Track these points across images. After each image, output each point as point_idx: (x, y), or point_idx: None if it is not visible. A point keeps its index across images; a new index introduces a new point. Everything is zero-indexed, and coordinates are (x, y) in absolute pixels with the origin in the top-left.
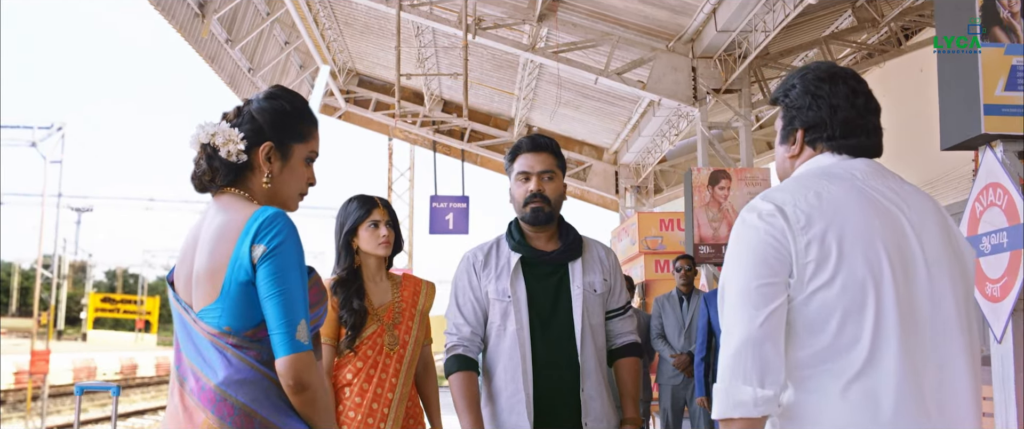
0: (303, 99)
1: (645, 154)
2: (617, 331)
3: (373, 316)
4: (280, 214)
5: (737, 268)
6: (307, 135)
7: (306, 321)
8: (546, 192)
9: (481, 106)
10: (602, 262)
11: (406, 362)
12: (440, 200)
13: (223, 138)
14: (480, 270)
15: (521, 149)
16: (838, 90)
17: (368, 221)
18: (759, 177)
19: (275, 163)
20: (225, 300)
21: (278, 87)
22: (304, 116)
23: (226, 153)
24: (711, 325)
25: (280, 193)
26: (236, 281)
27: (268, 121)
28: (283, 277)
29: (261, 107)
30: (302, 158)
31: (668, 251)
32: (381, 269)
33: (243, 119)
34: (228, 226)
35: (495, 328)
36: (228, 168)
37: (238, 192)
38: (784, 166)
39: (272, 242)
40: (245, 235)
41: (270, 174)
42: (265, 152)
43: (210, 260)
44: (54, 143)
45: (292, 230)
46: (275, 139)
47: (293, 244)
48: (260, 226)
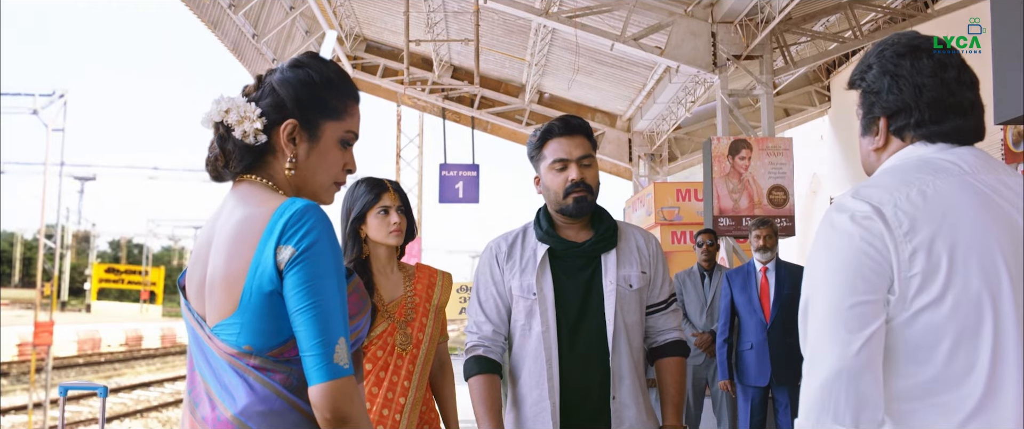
0: (338, 69)
1: (660, 121)
2: (659, 327)
3: (383, 312)
4: (312, 207)
5: (826, 283)
6: (342, 111)
7: (346, 338)
8: (588, 179)
9: (491, 72)
10: (640, 251)
11: (420, 362)
12: (450, 168)
13: (237, 115)
14: (504, 263)
15: (553, 133)
16: (921, 65)
17: (377, 207)
18: (781, 147)
19: (301, 145)
20: (244, 313)
21: (308, 54)
22: (338, 88)
23: (241, 133)
24: (734, 304)
25: (308, 182)
26: (258, 291)
27: (291, 94)
28: (317, 286)
29: (284, 78)
30: (336, 139)
31: (685, 222)
32: (392, 259)
33: (263, 92)
34: (248, 223)
35: (519, 328)
36: (244, 151)
37: (260, 180)
38: (869, 161)
39: (303, 242)
40: (269, 234)
41: (294, 158)
42: (287, 131)
43: (227, 264)
44: (56, 110)
45: (327, 227)
46: (300, 116)
47: (328, 244)
48: (288, 222)
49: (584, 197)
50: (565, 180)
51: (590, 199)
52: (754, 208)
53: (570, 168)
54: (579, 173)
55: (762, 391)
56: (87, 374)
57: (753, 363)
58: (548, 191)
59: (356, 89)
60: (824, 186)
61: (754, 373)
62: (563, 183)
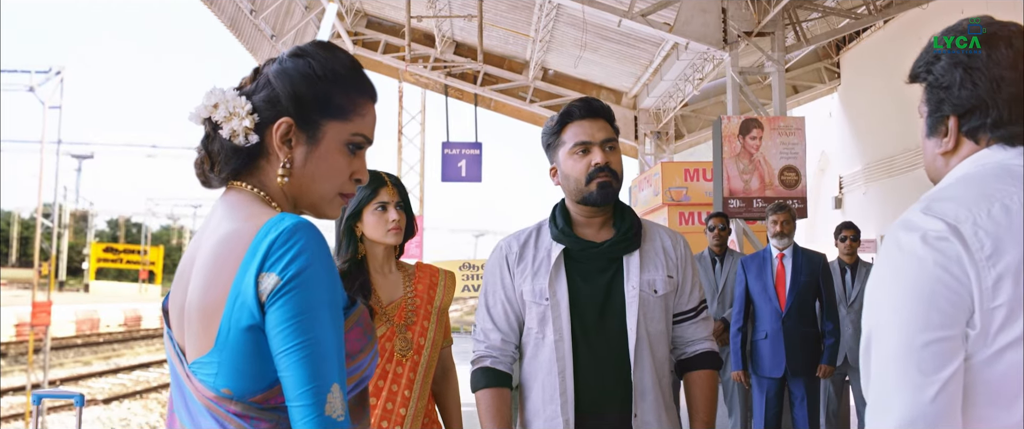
0: (349, 61)
1: (666, 99)
2: (687, 338)
3: (382, 316)
4: (303, 226)
5: (894, 316)
6: (349, 110)
7: (341, 384)
8: (613, 164)
9: (495, 49)
10: (667, 253)
11: (421, 370)
12: (452, 146)
13: (226, 110)
14: (515, 265)
15: (573, 116)
16: (999, 55)
17: (374, 203)
18: (793, 126)
19: (297, 148)
20: (222, 351)
21: (314, 43)
22: (346, 83)
23: (229, 132)
24: (749, 293)
25: (306, 192)
26: (237, 326)
27: (288, 88)
28: (306, 322)
29: (282, 69)
30: (340, 143)
31: (693, 203)
32: (390, 259)
33: (258, 85)
34: (230, 243)
35: (532, 336)
36: (232, 153)
37: (251, 189)
38: (935, 167)
39: (289, 269)
40: (250, 258)
41: (288, 163)
42: (281, 131)
43: (204, 293)
44: (52, 87)
45: (320, 250)
46: (297, 114)
47: (322, 271)
48: (272, 244)
49: (609, 183)
50: (588, 164)
51: (615, 186)
52: (765, 189)
53: (594, 151)
54: (604, 157)
55: (777, 383)
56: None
57: (768, 353)
58: (567, 180)
59: (370, 86)
60: (832, 164)
61: (768, 364)
62: (586, 168)
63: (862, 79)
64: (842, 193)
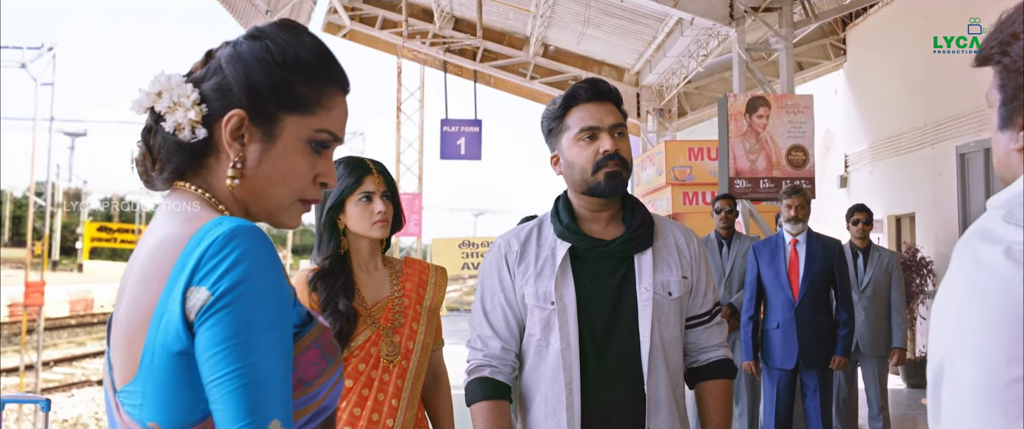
0: (313, 44)
1: (669, 75)
2: (701, 344)
3: (366, 318)
4: (244, 231)
5: (972, 346)
6: (313, 102)
7: (284, 419)
8: (622, 152)
9: (494, 24)
10: (681, 252)
11: (410, 377)
12: (451, 123)
13: (169, 99)
14: (515, 264)
15: (578, 99)
16: None
17: (358, 193)
18: (801, 104)
19: (251, 145)
20: (147, 379)
21: (278, 22)
22: (309, 71)
23: (173, 124)
24: (761, 280)
25: (260, 196)
26: (163, 349)
27: (241, 75)
28: (242, 345)
29: (236, 53)
30: (302, 140)
31: (697, 182)
32: (376, 254)
33: (208, 70)
34: (161, 251)
35: (534, 344)
36: (175, 149)
37: (195, 190)
38: (1009, 163)
39: (222, 282)
40: (179, 269)
41: (239, 162)
42: (231, 126)
43: (129, 310)
44: (45, 64)
45: (262, 259)
46: (251, 105)
47: (263, 284)
48: (205, 253)
49: (618, 172)
50: (595, 151)
51: (625, 176)
52: (772, 169)
53: (601, 137)
54: (613, 144)
55: (789, 374)
56: (80, 335)
57: (779, 344)
58: (572, 169)
59: (340, 74)
60: (837, 142)
61: (780, 355)
62: (593, 156)
63: (869, 55)
64: (847, 172)
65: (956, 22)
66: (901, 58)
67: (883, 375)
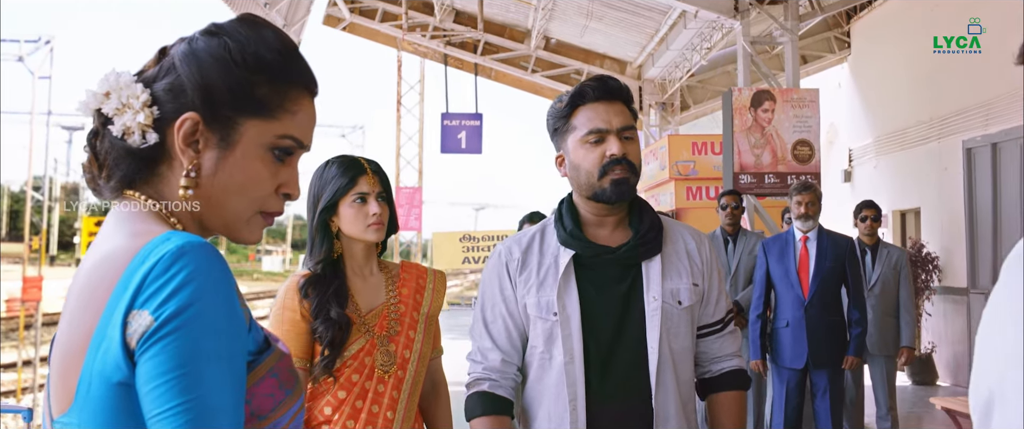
0: (277, 41)
1: (672, 69)
2: (713, 353)
3: (360, 326)
4: (193, 248)
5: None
6: (275, 105)
7: None
8: (629, 155)
9: (495, 17)
10: (691, 258)
11: (407, 388)
12: (452, 117)
13: (118, 101)
14: (516, 273)
15: (585, 97)
16: None
17: (352, 194)
18: (807, 98)
19: (206, 152)
20: (83, 410)
21: (238, 18)
22: (271, 71)
23: (121, 128)
24: (770, 278)
25: (217, 208)
26: (100, 379)
27: (195, 75)
28: (189, 377)
29: (191, 50)
30: (263, 146)
31: (701, 177)
32: (371, 259)
33: (161, 69)
34: (103, 268)
35: (537, 356)
36: (124, 156)
37: (145, 200)
38: None
39: (168, 305)
40: (121, 290)
41: (193, 171)
42: (184, 130)
43: (67, 333)
44: (42, 57)
45: (213, 279)
46: (205, 108)
47: (213, 307)
48: (149, 273)
49: (626, 179)
50: (602, 155)
51: (633, 181)
52: (777, 164)
53: (609, 140)
54: (621, 147)
55: (799, 374)
56: None
57: (788, 343)
58: (577, 172)
59: (307, 75)
60: (841, 136)
61: (789, 354)
62: (599, 159)
63: (874, 49)
64: (851, 166)
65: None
66: (906, 51)
67: (891, 375)
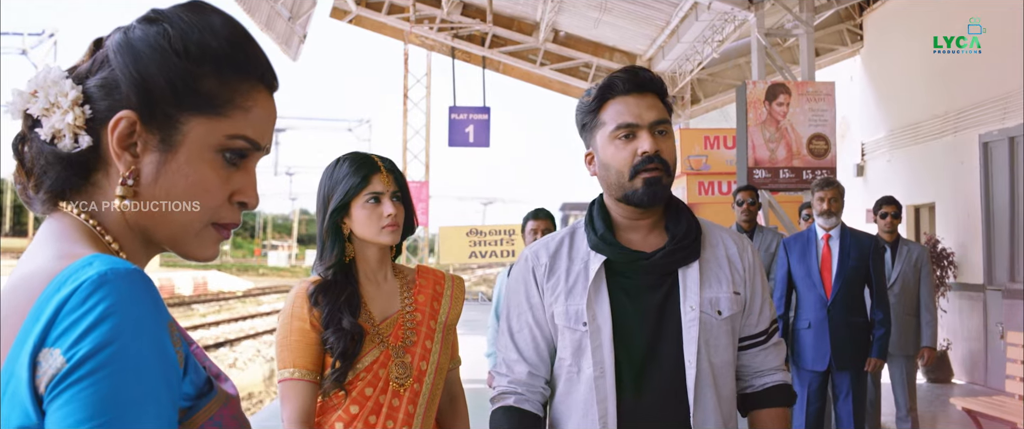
0: (225, 27)
1: (683, 61)
2: (756, 367)
3: (374, 336)
4: (116, 276)
5: None
6: (224, 101)
7: None
8: (663, 153)
9: (504, 9)
10: (732, 264)
11: (423, 401)
12: (459, 111)
13: (45, 100)
14: (544, 280)
15: (615, 90)
16: None
17: (365, 193)
18: (822, 91)
19: (146, 156)
20: None
21: (182, 3)
22: (218, 61)
23: (49, 131)
24: (791, 277)
25: (161, 221)
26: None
27: (130, 68)
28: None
29: (127, 40)
30: (211, 148)
31: (713, 172)
32: (385, 263)
33: (94, 63)
34: (16, 296)
35: (565, 369)
36: (53, 162)
37: (77, 214)
38: None
39: (82, 344)
40: (31, 324)
41: (131, 178)
42: (119, 131)
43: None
44: (46, 51)
45: (137, 313)
46: (142, 105)
47: (137, 346)
48: (64, 305)
49: (659, 178)
50: (633, 153)
51: (666, 181)
52: (792, 159)
53: (641, 136)
54: (653, 144)
55: (821, 376)
56: None
57: (810, 344)
58: (607, 171)
59: (262, 65)
60: (853, 130)
61: (812, 356)
62: (630, 157)
63: (887, 41)
64: (864, 160)
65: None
66: (922, 44)
67: (912, 375)
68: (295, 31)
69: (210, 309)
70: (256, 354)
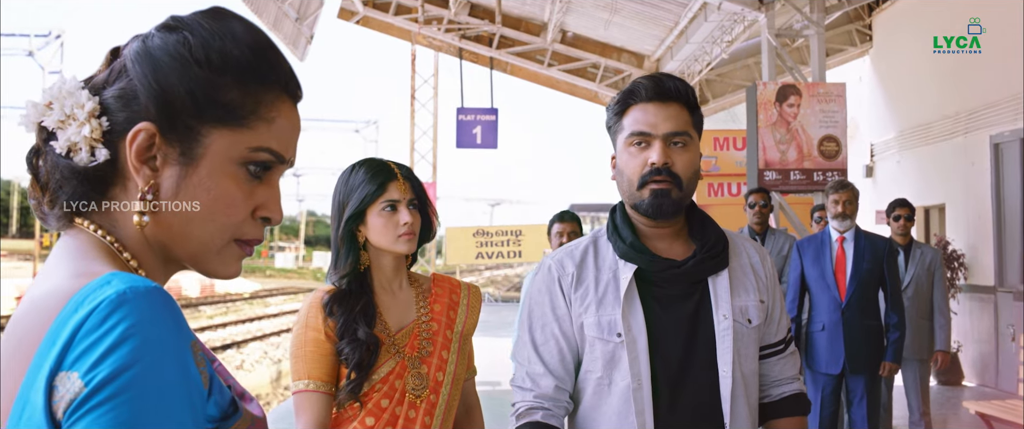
0: (248, 35)
1: (691, 62)
2: (774, 376)
3: (389, 346)
4: (135, 296)
5: None
6: (247, 112)
7: None
8: (675, 166)
9: (511, 9)
10: (756, 273)
11: (440, 413)
12: (467, 112)
13: (61, 112)
14: (570, 290)
15: (637, 96)
16: None
17: (381, 201)
18: (833, 92)
19: (166, 169)
20: None
21: (202, 11)
22: (241, 70)
23: (65, 144)
24: (805, 280)
25: (181, 237)
26: None
27: (149, 78)
28: None
29: (146, 48)
30: (234, 161)
31: (723, 174)
32: (401, 271)
33: (112, 73)
34: (32, 317)
35: (593, 382)
36: (69, 177)
37: (94, 231)
38: None
39: (101, 368)
40: (48, 346)
41: (150, 192)
42: (137, 144)
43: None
44: (52, 52)
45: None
46: (162, 116)
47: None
48: (81, 327)
49: (666, 191)
50: (644, 163)
51: (674, 195)
52: (803, 160)
53: (653, 146)
54: (664, 155)
55: (834, 380)
56: None
57: (824, 347)
58: (621, 177)
59: (286, 74)
60: (861, 131)
61: (825, 359)
62: (640, 167)
63: (897, 42)
64: (873, 161)
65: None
66: (930, 44)
67: (925, 379)
68: (302, 32)
69: (217, 311)
70: (263, 356)
